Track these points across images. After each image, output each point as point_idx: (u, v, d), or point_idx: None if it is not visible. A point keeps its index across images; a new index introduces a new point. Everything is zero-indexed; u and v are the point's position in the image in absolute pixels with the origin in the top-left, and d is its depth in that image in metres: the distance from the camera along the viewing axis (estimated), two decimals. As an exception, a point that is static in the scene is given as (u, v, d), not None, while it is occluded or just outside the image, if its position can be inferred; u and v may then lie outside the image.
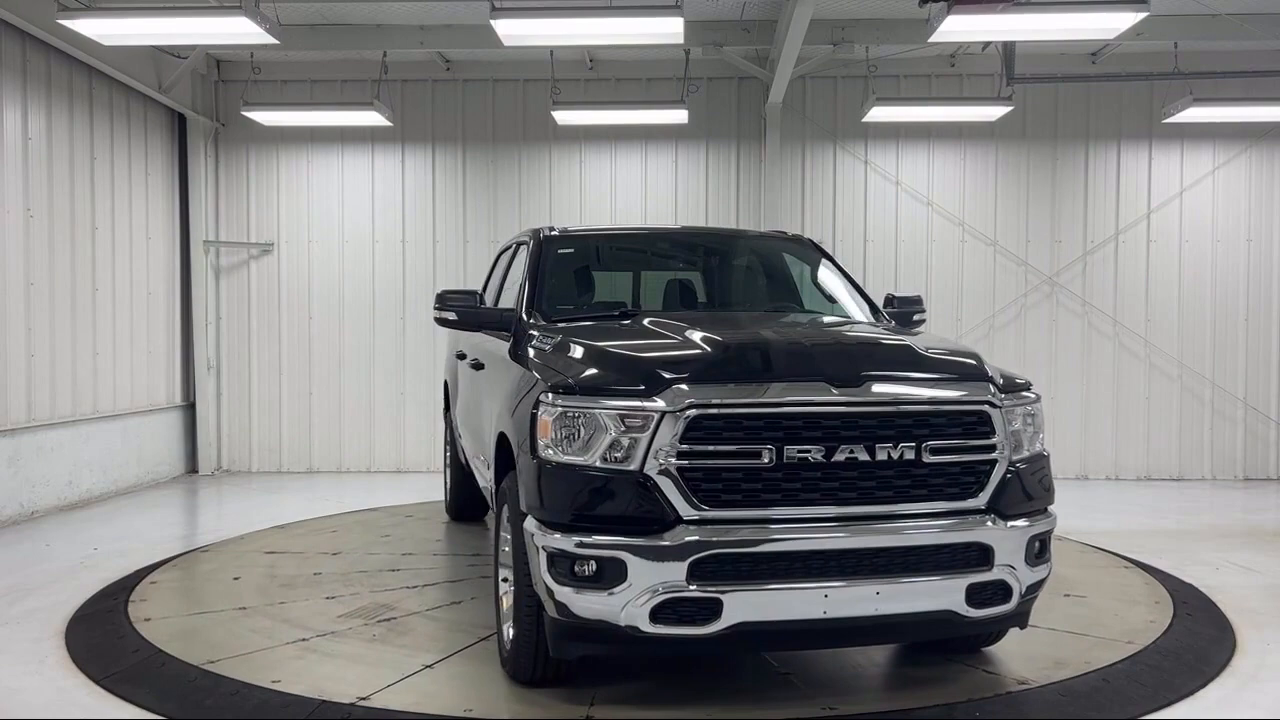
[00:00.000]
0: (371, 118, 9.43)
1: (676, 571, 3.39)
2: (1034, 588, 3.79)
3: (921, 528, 3.58)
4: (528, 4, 7.30)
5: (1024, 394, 3.93)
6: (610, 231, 6.44)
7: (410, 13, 8.89)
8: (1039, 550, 3.77)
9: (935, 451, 3.60)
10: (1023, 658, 4.43)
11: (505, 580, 4.21)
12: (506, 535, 4.14)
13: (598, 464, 3.52)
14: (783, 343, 3.91)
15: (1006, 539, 3.65)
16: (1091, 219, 10.09)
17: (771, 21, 9.12)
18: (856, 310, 5.14)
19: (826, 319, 4.87)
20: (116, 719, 3.87)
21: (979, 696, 3.97)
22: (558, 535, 3.49)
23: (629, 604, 3.40)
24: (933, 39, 6.98)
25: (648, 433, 3.47)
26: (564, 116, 9.44)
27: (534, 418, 3.69)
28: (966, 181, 10.15)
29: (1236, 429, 10.03)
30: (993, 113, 9.41)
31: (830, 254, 5.81)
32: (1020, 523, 3.71)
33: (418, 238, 10.30)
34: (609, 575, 3.41)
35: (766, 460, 3.46)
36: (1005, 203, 10.14)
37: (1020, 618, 3.90)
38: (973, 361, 3.93)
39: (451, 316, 4.96)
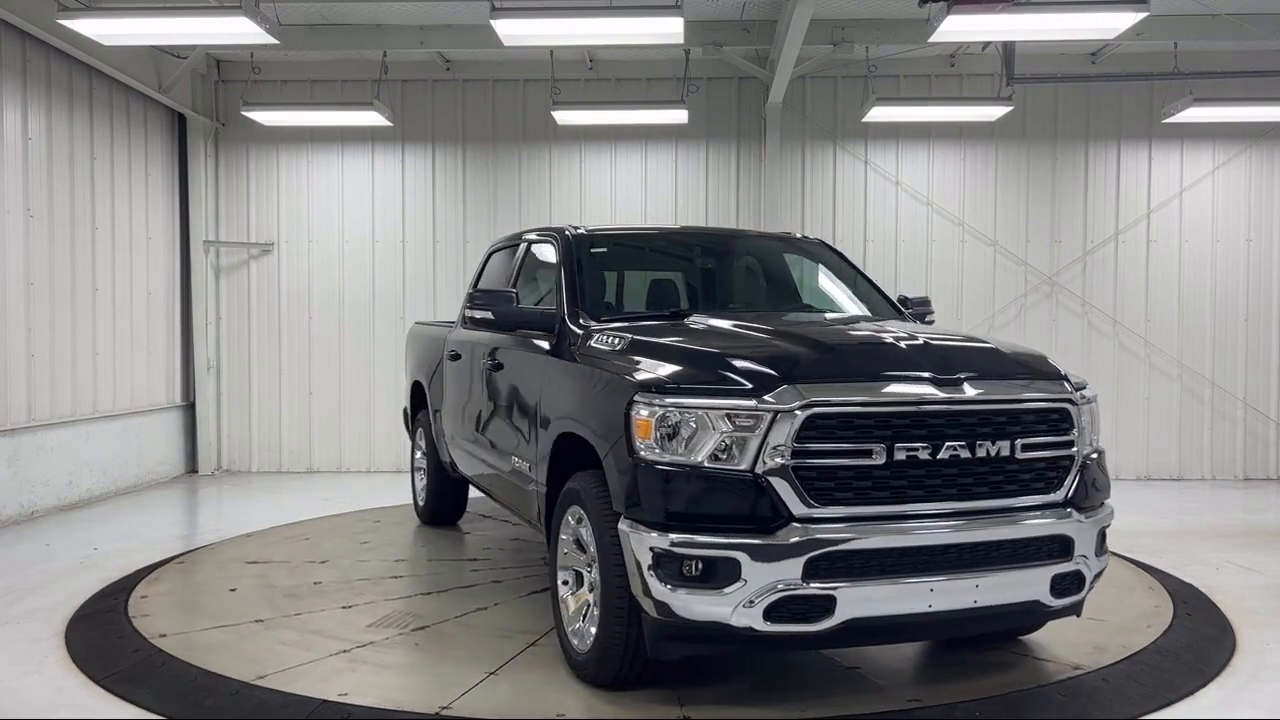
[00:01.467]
0: (371, 118, 9.43)
1: (793, 569, 3.41)
2: (1098, 577, 3.98)
3: (1016, 522, 3.71)
4: (528, 4, 7.30)
5: (1086, 392, 4.08)
6: (637, 231, 6.37)
7: (410, 13, 8.89)
8: (1102, 541, 3.97)
9: (1026, 448, 3.74)
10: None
11: (565, 584, 4.21)
12: (568, 537, 4.17)
13: (705, 464, 3.51)
14: (883, 343, 3.97)
15: (1083, 531, 3.83)
16: (1091, 219, 10.09)
17: (771, 21, 9.12)
18: (890, 311, 5.28)
19: (878, 320, 4.93)
20: (116, 719, 3.87)
21: (1047, 681, 4.13)
22: (663, 535, 3.47)
23: (743, 603, 3.41)
24: (933, 39, 6.98)
25: (760, 432, 3.47)
26: (564, 116, 9.44)
27: (628, 418, 3.66)
28: (966, 181, 10.15)
29: (1236, 429, 10.03)
30: (993, 113, 9.41)
31: (850, 260, 5.92)
32: (1092, 515, 3.90)
33: (418, 238, 10.30)
34: (722, 575, 3.42)
35: (876, 458, 3.53)
36: (1005, 203, 10.14)
37: (1079, 606, 4.01)
38: (1048, 361, 4.11)
39: (488, 316, 4.92)
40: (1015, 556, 3.70)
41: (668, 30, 7.19)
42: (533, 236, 5.75)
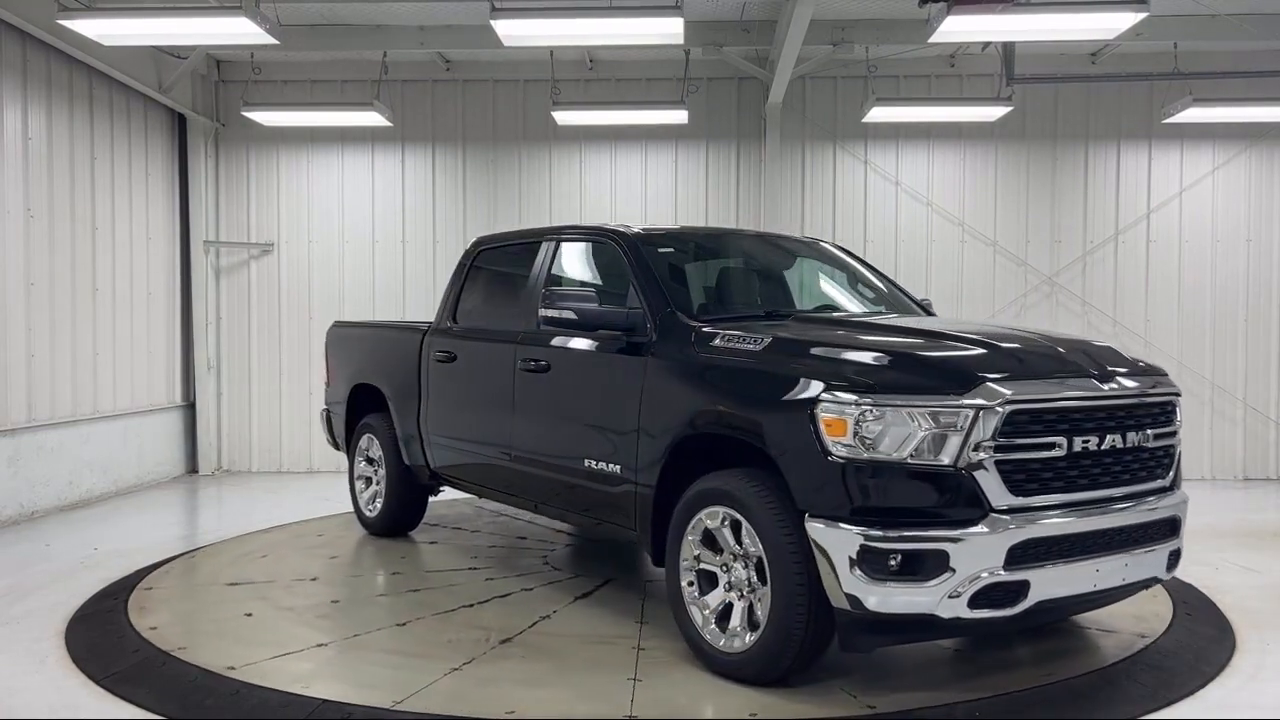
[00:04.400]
0: (371, 118, 9.43)
1: (996, 558, 3.60)
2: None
3: (1149, 505, 4.07)
4: (528, 4, 7.31)
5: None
6: (687, 232, 6.30)
7: (410, 13, 8.90)
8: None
9: (1156, 437, 4.12)
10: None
11: (691, 585, 4.24)
12: (695, 538, 4.20)
13: (908, 460, 3.62)
14: (1044, 344, 4.22)
15: (1184, 511, 4.30)
16: (1091, 219, 10.09)
17: (771, 22, 9.12)
18: (921, 312, 5.61)
19: (949, 318, 5.16)
20: (116, 719, 3.87)
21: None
22: (869, 531, 3.57)
23: (949, 593, 3.57)
24: (933, 39, 6.98)
25: (963, 428, 3.63)
26: (564, 116, 9.44)
27: (814, 417, 3.72)
28: (966, 181, 10.15)
29: (1236, 429, 10.03)
30: (993, 113, 9.41)
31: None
32: (1185, 498, 4.33)
33: (418, 238, 10.30)
34: (929, 567, 3.57)
35: (1058, 450, 3.78)
36: (1005, 203, 10.14)
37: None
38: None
39: (570, 316, 4.80)
40: (1149, 536, 4.07)
41: (668, 30, 7.19)
42: (569, 236, 5.60)
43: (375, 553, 6.49)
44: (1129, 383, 4.09)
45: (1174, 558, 4.25)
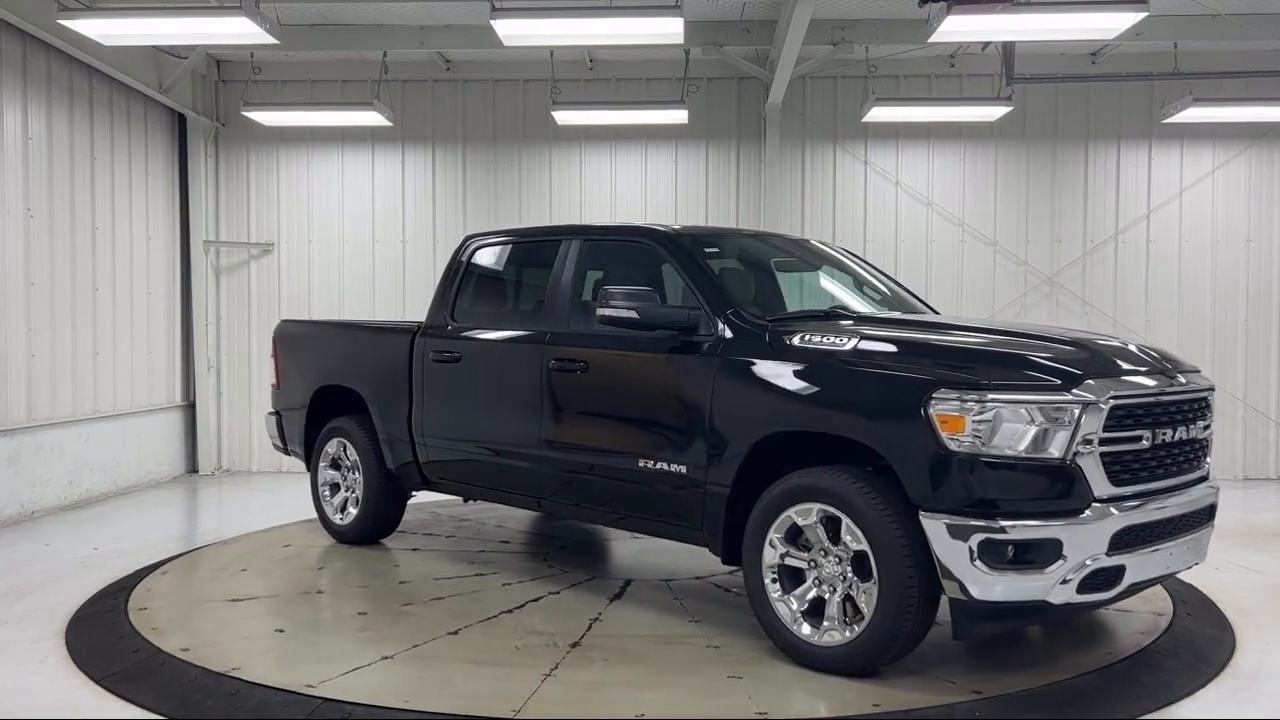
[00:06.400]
0: (371, 118, 9.43)
1: (1101, 545, 3.83)
2: None
3: (1200, 492, 4.35)
4: (528, 4, 7.31)
5: None
6: (727, 232, 6.25)
7: (410, 13, 8.90)
8: None
9: (1204, 429, 4.42)
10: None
11: (774, 581, 4.29)
12: (780, 535, 4.26)
13: (1022, 454, 3.78)
14: (1114, 344, 4.49)
15: (1218, 498, 4.54)
16: (1091, 219, 10.09)
17: (771, 21, 9.12)
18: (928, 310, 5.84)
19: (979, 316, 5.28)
20: (116, 719, 3.88)
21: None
22: (990, 523, 3.74)
23: (1061, 580, 3.77)
24: (932, 39, 6.98)
25: (1071, 423, 3.81)
26: (564, 116, 9.44)
27: (929, 414, 3.84)
28: (966, 181, 10.15)
29: (1236, 429, 10.03)
30: (992, 113, 9.41)
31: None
32: (1218, 485, 4.59)
33: (418, 238, 10.30)
34: (1044, 555, 3.75)
35: (1145, 442, 4.04)
36: (1005, 203, 10.14)
37: None
38: None
39: (631, 315, 4.74)
40: (1199, 522, 4.36)
41: (668, 30, 7.19)
42: (596, 235, 5.56)
43: (364, 562, 6.15)
44: (1184, 378, 4.36)
45: (1209, 540, 4.54)
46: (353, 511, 6.56)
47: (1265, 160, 10.01)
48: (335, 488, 6.69)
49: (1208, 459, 4.53)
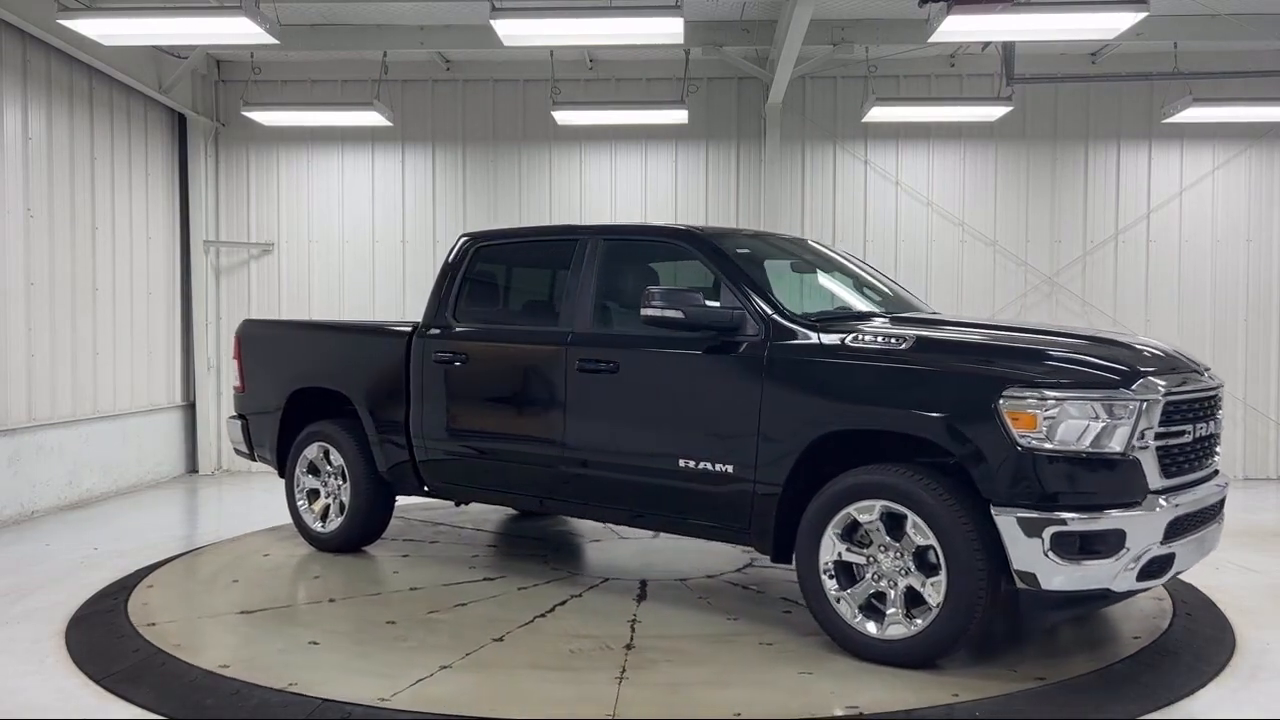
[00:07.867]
0: (371, 118, 9.43)
1: (1158, 534, 4.02)
2: None
3: (1217, 484, 4.54)
4: (528, 4, 7.30)
5: None
6: (751, 234, 6.23)
7: (410, 13, 8.90)
8: None
9: (1217, 424, 4.60)
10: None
11: (830, 575, 4.35)
12: (838, 532, 4.32)
13: (1087, 448, 3.95)
14: (1149, 344, 4.66)
15: (1227, 492, 4.71)
16: (1091, 219, 10.09)
17: (771, 21, 9.12)
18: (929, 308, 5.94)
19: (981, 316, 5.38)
20: (116, 719, 3.88)
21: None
22: (1063, 516, 3.90)
23: (1124, 568, 3.96)
24: (932, 39, 6.98)
25: (1131, 418, 3.99)
26: (564, 116, 9.44)
27: (1000, 412, 3.98)
28: (966, 181, 10.15)
29: (1236, 429, 10.02)
30: (992, 113, 9.41)
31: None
32: (1227, 479, 4.76)
33: (418, 238, 10.30)
34: (1111, 545, 3.93)
35: (1187, 436, 4.26)
36: (1005, 202, 10.14)
37: None
38: None
39: (677, 316, 4.71)
40: (1218, 513, 4.57)
41: (668, 30, 7.19)
42: (616, 236, 5.50)
43: (361, 570, 5.99)
44: (1206, 376, 4.58)
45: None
46: (336, 519, 6.33)
47: (1265, 160, 10.01)
48: (315, 494, 6.48)
49: (1215, 453, 4.66)
